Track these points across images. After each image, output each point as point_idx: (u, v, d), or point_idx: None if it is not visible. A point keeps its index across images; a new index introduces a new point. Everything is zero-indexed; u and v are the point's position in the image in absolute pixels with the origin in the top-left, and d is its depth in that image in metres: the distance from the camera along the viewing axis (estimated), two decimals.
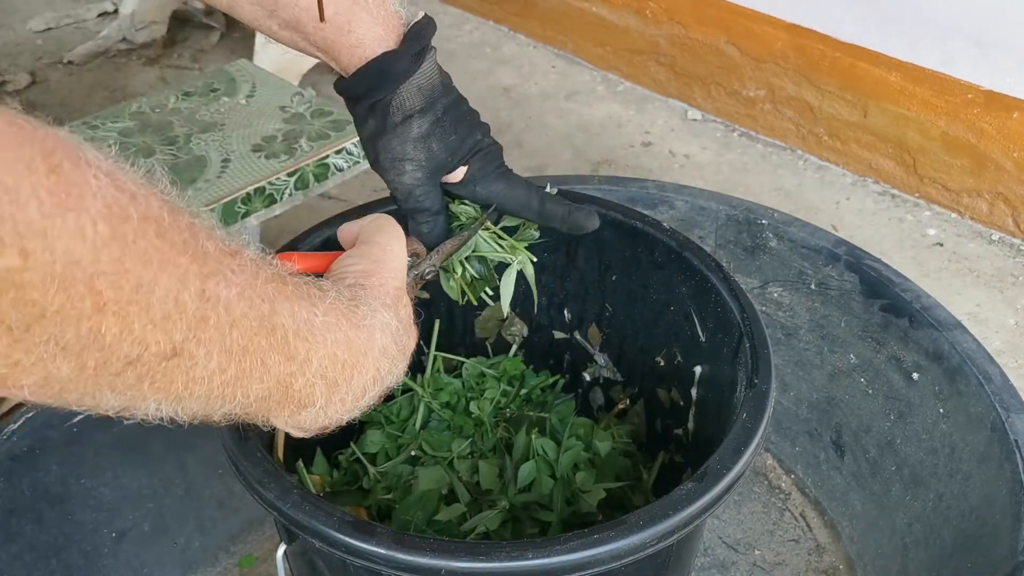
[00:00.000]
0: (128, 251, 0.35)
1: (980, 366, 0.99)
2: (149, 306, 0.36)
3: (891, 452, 1.11)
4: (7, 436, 0.95)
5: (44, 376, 0.35)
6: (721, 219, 1.23)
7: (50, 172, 0.32)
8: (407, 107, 0.71)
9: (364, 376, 0.51)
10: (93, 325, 0.34)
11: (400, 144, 0.71)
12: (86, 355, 0.35)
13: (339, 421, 0.55)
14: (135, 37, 2.38)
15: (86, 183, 0.34)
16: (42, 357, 0.34)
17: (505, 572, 0.60)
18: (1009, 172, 1.68)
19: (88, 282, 0.34)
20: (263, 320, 0.43)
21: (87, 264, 0.33)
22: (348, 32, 0.69)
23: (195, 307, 0.38)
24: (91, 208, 0.34)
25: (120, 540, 1.06)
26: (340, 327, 0.49)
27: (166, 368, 0.38)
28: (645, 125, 2.10)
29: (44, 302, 0.33)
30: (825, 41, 1.85)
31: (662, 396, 0.99)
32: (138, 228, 0.36)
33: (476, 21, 2.53)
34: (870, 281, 1.12)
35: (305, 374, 0.47)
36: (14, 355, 0.33)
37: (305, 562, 0.76)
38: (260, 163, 1.25)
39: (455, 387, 1.02)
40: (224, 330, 0.40)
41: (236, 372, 0.42)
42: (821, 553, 1.20)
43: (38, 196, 0.32)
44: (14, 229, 0.31)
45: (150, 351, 0.37)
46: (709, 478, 0.66)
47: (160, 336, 0.37)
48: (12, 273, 0.31)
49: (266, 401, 0.46)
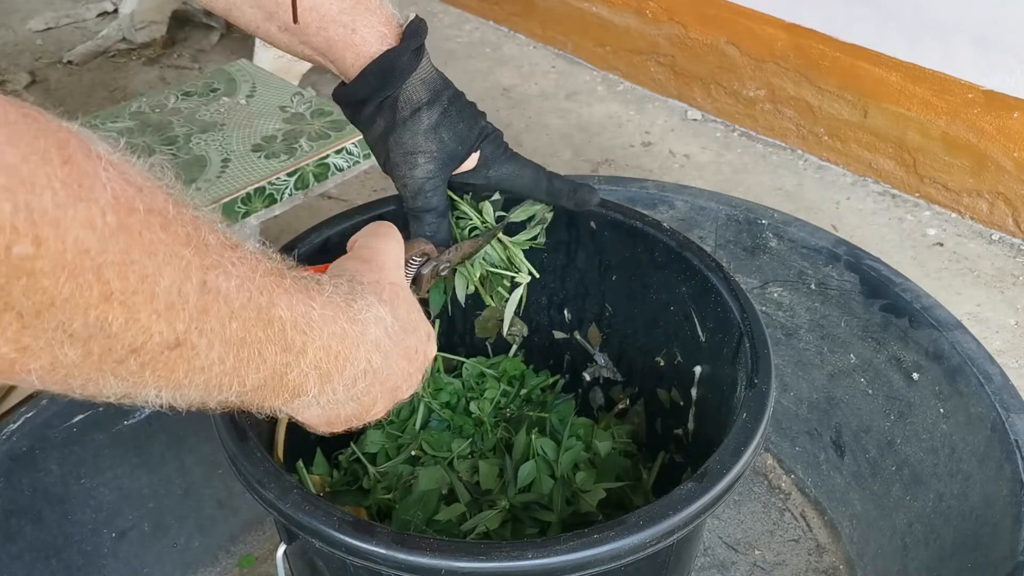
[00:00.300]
0: (134, 242, 0.36)
1: (980, 366, 0.99)
2: (154, 296, 0.37)
3: (891, 452, 1.11)
4: (7, 436, 0.95)
5: (51, 362, 0.36)
6: (721, 219, 1.23)
7: (63, 163, 0.33)
8: (415, 101, 0.72)
9: (355, 367, 0.52)
10: (100, 313, 0.35)
11: (412, 137, 0.73)
12: (92, 342, 0.36)
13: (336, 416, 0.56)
14: (135, 37, 2.38)
15: (96, 175, 0.35)
16: (50, 343, 0.35)
17: (505, 572, 0.60)
18: (1009, 172, 1.68)
19: (96, 271, 0.34)
20: (261, 312, 0.44)
21: (96, 254, 0.34)
22: (353, 31, 0.69)
23: (197, 298, 0.39)
24: (100, 199, 0.34)
25: (120, 540, 1.06)
26: (337, 320, 0.50)
27: (168, 357, 0.39)
28: (645, 125, 2.10)
29: (54, 290, 0.33)
30: (825, 41, 1.85)
31: (662, 396, 0.99)
32: (144, 220, 0.37)
33: (476, 21, 2.53)
34: (870, 281, 1.12)
35: (300, 365, 0.47)
36: (23, 340, 0.34)
37: (305, 562, 0.76)
38: (260, 163, 1.25)
39: (455, 387, 1.02)
40: (224, 321, 0.41)
41: (234, 362, 0.43)
42: (821, 553, 1.20)
43: (52, 187, 0.32)
44: (29, 218, 0.32)
45: (153, 340, 0.38)
46: (709, 478, 0.66)
47: (163, 326, 0.38)
48: (25, 261, 0.32)
49: (261, 390, 0.46)
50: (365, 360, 0.52)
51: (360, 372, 0.53)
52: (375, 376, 0.54)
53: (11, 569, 0.94)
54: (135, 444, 1.05)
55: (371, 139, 0.75)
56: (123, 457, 1.04)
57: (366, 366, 0.53)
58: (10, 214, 0.31)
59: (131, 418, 1.04)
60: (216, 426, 0.70)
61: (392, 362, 0.56)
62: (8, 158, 0.31)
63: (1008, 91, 1.63)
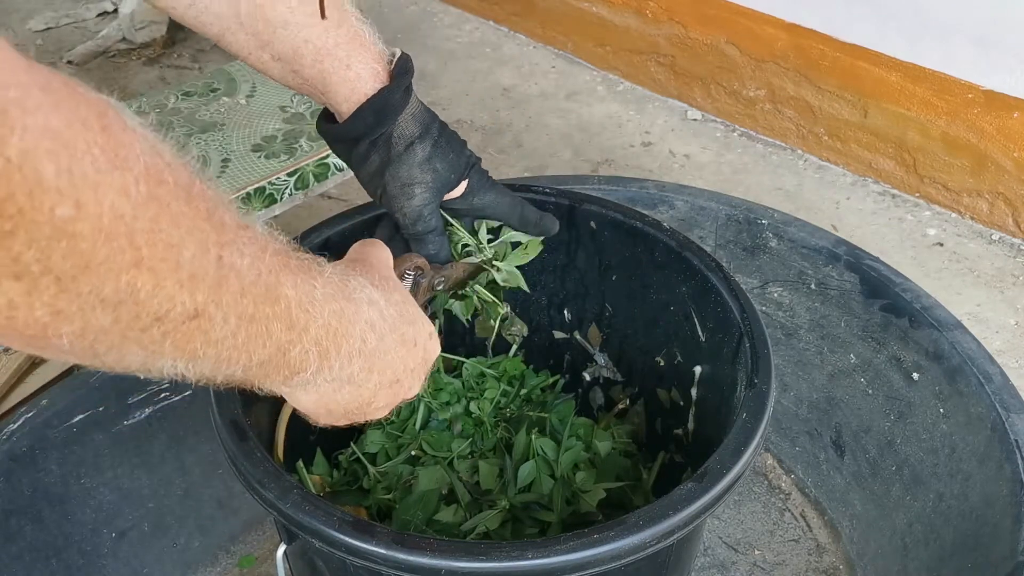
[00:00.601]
0: (163, 212, 0.37)
1: (980, 366, 0.99)
2: (178, 265, 0.39)
3: (891, 452, 1.11)
4: (7, 436, 0.95)
5: (83, 327, 0.37)
6: (721, 219, 1.23)
7: (102, 130, 0.35)
8: (408, 136, 0.75)
9: (351, 345, 0.53)
10: (130, 279, 0.37)
11: (407, 169, 0.75)
12: (121, 308, 0.37)
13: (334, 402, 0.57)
14: (135, 37, 2.38)
15: (131, 145, 0.36)
16: (83, 308, 0.36)
17: (505, 572, 0.60)
18: (1009, 172, 1.68)
19: (129, 236, 0.36)
20: (269, 290, 0.45)
21: (129, 220, 0.36)
22: (348, 67, 0.71)
23: (214, 271, 0.41)
24: (135, 168, 0.36)
25: (120, 540, 1.06)
26: (336, 299, 0.52)
27: (188, 328, 0.41)
28: (645, 125, 2.10)
29: (91, 253, 0.34)
30: (825, 41, 1.85)
31: (662, 396, 0.99)
32: (172, 192, 0.38)
33: (476, 21, 2.53)
34: (870, 281, 1.12)
35: (302, 342, 0.49)
36: (59, 304, 0.35)
37: (305, 562, 0.76)
38: (260, 163, 1.25)
39: (455, 387, 1.02)
40: (237, 297, 0.43)
41: (245, 337, 0.44)
42: (821, 553, 1.20)
43: (92, 152, 0.34)
44: (71, 181, 0.33)
45: (176, 310, 0.39)
46: (709, 478, 0.66)
47: (186, 296, 0.39)
48: (67, 223, 0.33)
49: (265, 366, 0.48)
50: (360, 339, 0.54)
51: (355, 350, 0.54)
52: (371, 358, 0.55)
53: (11, 569, 0.94)
54: (135, 444, 1.05)
55: (365, 174, 0.77)
56: (123, 457, 1.05)
57: (360, 345, 0.54)
58: (54, 176, 0.32)
59: (131, 418, 1.04)
60: (216, 426, 0.70)
61: (388, 345, 0.57)
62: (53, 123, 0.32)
63: (1008, 91, 1.63)
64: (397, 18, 2.56)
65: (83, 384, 1.00)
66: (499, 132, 2.07)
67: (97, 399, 1.00)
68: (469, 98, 2.23)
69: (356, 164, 0.77)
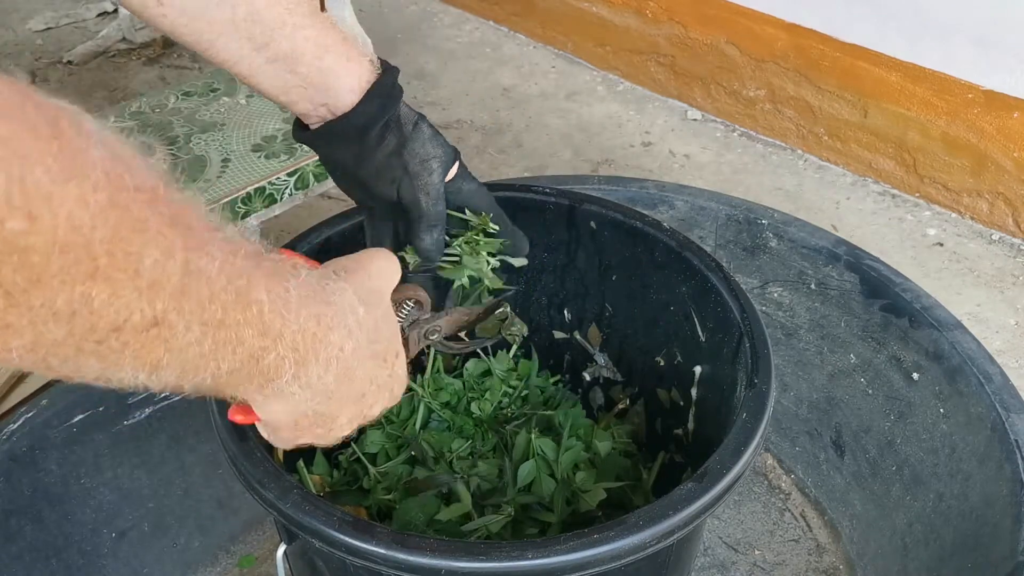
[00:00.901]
0: (123, 219, 0.36)
1: (980, 366, 0.99)
2: (137, 274, 0.37)
3: (891, 452, 1.11)
4: (7, 436, 0.95)
5: (33, 340, 0.35)
6: (721, 219, 1.23)
7: (54, 138, 0.33)
8: (411, 116, 0.76)
9: (329, 351, 0.52)
10: (85, 290, 0.35)
11: (422, 145, 0.76)
12: (75, 320, 0.36)
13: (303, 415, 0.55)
14: (135, 37, 2.38)
15: (87, 151, 0.34)
16: (34, 321, 0.35)
17: (505, 572, 0.60)
18: (1009, 172, 1.68)
19: (87, 247, 0.34)
20: (240, 295, 0.44)
21: (87, 230, 0.34)
22: (348, 59, 0.72)
23: (178, 278, 0.39)
24: (91, 175, 0.34)
25: (120, 540, 1.06)
26: (313, 302, 0.50)
27: (147, 337, 0.39)
28: (645, 125, 2.10)
29: (43, 266, 0.33)
30: (825, 41, 1.85)
31: (662, 396, 0.99)
32: (133, 197, 0.37)
33: (476, 21, 2.53)
34: (870, 281, 1.12)
35: (277, 348, 0.48)
36: (7, 318, 0.34)
37: (305, 562, 0.76)
38: (260, 163, 1.25)
39: (455, 387, 1.02)
40: (204, 303, 0.41)
41: (212, 344, 0.43)
42: (821, 553, 1.20)
43: (44, 162, 0.32)
44: (23, 192, 0.31)
45: (134, 319, 0.38)
46: (709, 478, 0.66)
47: (144, 304, 0.38)
48: (18, 236, 0.32)
49: (237, 374, 0.46)
50: (338, 346, 0.52)
51: (332, 357, 0.52)
52: (345, 367, 0.54)
53: (11, 569, 0.94)
54: (135, 444, 1.05)
55: (382, 158, 0.76)
56: (123, 457, 1.05)
57: (338, 352, 0.53)
58: (4, 186, 0.31)
59: (131, 418, 1.04)
60: (216, 426, 0.70)
61: (361, 357, 0.55)
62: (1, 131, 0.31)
63: (1008, 91, 1.63)
64: (397, 18, 2.57)
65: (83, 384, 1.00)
66: (499, 132, 2.07)
67: (97, 399, 1.00)
68: (469, 98, 2.23)
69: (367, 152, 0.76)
